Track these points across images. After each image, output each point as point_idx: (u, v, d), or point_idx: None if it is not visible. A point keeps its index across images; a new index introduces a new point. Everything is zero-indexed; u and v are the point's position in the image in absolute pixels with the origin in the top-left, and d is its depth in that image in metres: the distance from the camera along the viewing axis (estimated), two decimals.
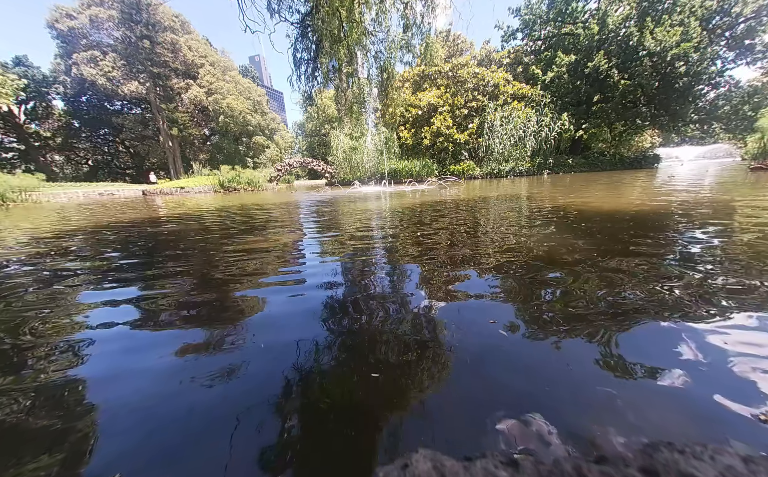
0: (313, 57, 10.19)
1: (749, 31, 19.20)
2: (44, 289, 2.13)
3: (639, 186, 7.78)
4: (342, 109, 13.56)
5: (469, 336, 1.27)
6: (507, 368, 1.05)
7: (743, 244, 2.33)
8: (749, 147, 13.17)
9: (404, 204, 6.71)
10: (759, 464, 0.62)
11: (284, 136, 45.95)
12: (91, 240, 4.04)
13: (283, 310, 1.62)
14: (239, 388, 1.01)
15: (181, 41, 34.79)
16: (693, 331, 1.20)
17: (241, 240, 3.53)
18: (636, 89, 20.50)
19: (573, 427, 0.78)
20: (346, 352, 1.20)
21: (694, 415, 0.82)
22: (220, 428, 0.84)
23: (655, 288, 1.60)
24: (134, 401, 0.98)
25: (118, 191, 20.83)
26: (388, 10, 9.49)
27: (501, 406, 0.87)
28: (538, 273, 1.92)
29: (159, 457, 0.77)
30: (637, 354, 1.08)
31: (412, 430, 0.82)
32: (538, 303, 1.53)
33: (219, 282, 2.11)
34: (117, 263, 2.78)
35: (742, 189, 5.94)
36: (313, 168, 27.09)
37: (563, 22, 23.21)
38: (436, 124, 21.33)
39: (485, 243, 2.81)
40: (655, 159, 22.91)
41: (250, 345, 1.28)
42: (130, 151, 40.79)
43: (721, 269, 1.82)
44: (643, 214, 3.80)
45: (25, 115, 33.13)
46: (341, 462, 0.73)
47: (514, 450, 0.71)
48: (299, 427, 0.84)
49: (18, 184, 14.96)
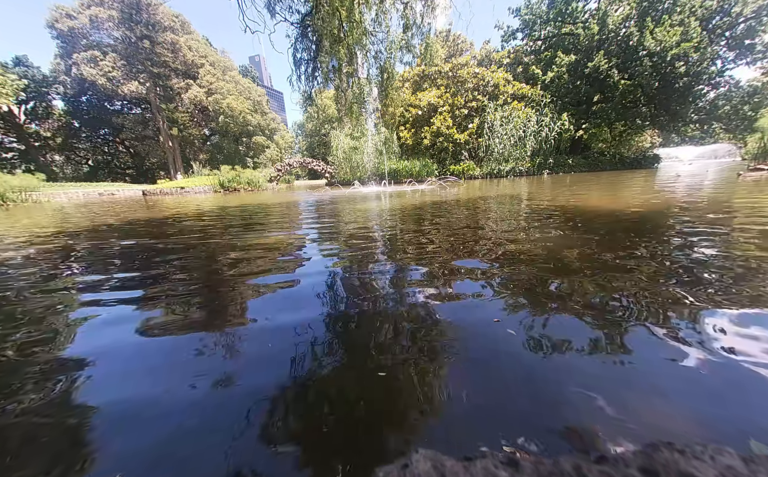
0: (313, 57, 10.19)
1: (749, 31, 19.19)
2: (44, 288, 2.13)
3: (646, 185, 7.78)
4: (342, 109, 13.57)
5: (473, 335, 1.27)
6: (509, 368, 1.05)
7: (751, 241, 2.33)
8: (749, 147, 13.18)
9: (404, 204, 6.71)
10: (759, 464, 0.62)
11: (284, 136, 45.95)
12: (94, 238, 4.04)
13: (283, 310, 1.62)
14: (240, 387, 1.01)
15: (181, 41, 34.79)
16: (698, 332, 1.20)
17: (241, 240, 3.53)
18: (636, 89, 20.50)
19: (574, 428, 0.78)
20: (346, 351, 1.20)
21: (695, 416, 0.82)
22: (220, 428, 0.84)
23: (656, 288, 1.60)
24: (133, 401, 0.98)
25: (118, 191, 20.83)
26: (388, 10, 9.50)
27: (503, 406, 0.87)
28: (541, 273, 1.92)
29: (158, 456, 0.77)
30: (638, 354, 1.08)
31: (412, 430, 0.82)
32: (541, 303, 1.52)
33: (220, 282, 2.11)
34: (117, 264, 2.78)
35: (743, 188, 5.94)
36: (313, 168, 27.09)
37: (563, 22, 23.21)
38: (436, 124, 21.32)
39: (486, 242, 2.81)
40: (655, 159, 22.91)
41: (251, 345, 1.28)
42: (130, 151, 40.79)
43: (729, 266, 1.82)
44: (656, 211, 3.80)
45: (25, 115, 33.12)
46: (341, 462, 0.73)
47: (515, 450, 0.71)
48: (300, 426, 0.84)
49: (18, 184, 14.97)
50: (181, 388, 1.02)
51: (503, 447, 0.72)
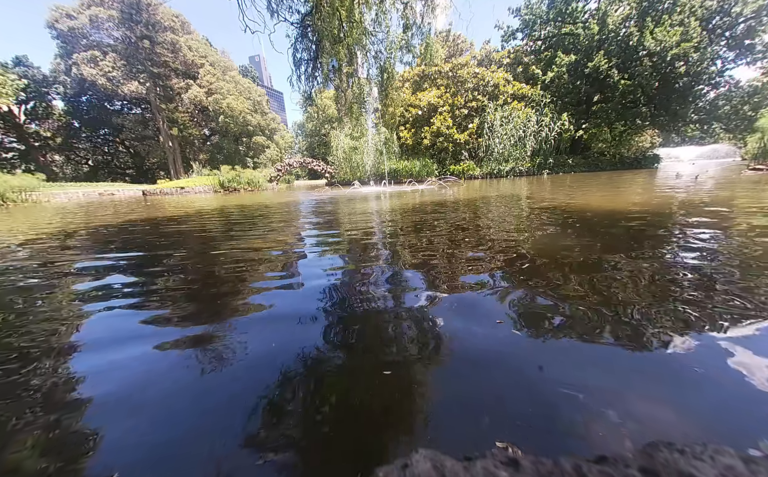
0: (313, 57, 10.18)
1: (749, 31, 19.19)
2: (42, 287, 2.13)
3: (649, 186, 7.78)
4: (342, 109, 13.56)
5: (475, 336, 1.26)
6: (511, 369, 1.05)
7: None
8: (749, 147, 13.18)
9: (405, 204, 6.71)
10: (759, 464, 0.62)
11: (284, 136, 45.94)
12: (94, 237, 4.04)
13: (283, 309, 1.62)
14: (240, 387, 1.01)
15: (181, 41, 34.78)
16: (700, 332, 1.20)
17: (242, 240, 3.53)
18: (636, 89, 20.50)
19: (575, 427, 0.78)
20: (347, 351, 1.20)
21: (695, 417, 0.82)
22: (220, 427, 0.84)
23: (657, 289, 1.60)
24: (132, 400, 0.98)
25: (118, 191, 20.84)
26: (388, 10, 9.49)
27: (504, 406, 0.87)
28: (544, 273, 1.92)
29: (158, 456, 0.77)
30: (639, 355, 1.08)
31: (413, 429, 0.81)
32: (543, 304, 1.52)
33: (220, 282, 2.11)
34: (117, 263, 2.78)
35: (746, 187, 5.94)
36: (313, 168, 27.09)
37: (563, 22, 23.20)
38: (436, 124, 21.33)
39: (487, 243, 2.81)
40: (655, 159, 22.92)
41: (251, 345, 1.28)
42: (130, 151, 40.78)
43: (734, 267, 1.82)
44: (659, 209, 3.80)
45: (25, 115, 33.11)
46: (342, 462, 0.73)
47: (515, 450, 0.71)
48: (300, 426, 0.84)
49: (18, 184, 14.97)
50: (180, 385, 1.02)
51: (504, 446, 0.72)
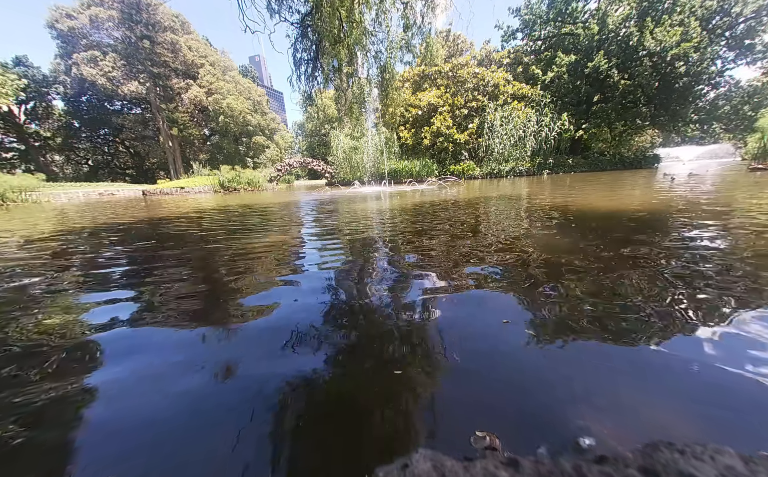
0: (313, 57, 10.19)
1: (749, 31, 19.18)
2: (42, 288, 2.13)
3: (648, 186, 7.78)
4: (342, 109, 13.57)
5: (482, 336, 1.26)
6: (517, 370, 1.05)
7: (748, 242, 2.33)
8: (749, 147, 13.18)
9: (405, 204, 6.71)
10: (759, 464, 0.62)
11: (284, 136, 45.96)
12: (93, 238, 4.04)
13: (283, 309, 1.62)
14: (241, 386, 1.01)
15: (181, 41, 34.78)
16: (702, 334, 1.20)
17: (242, 241, 3.53)
18: (636, 89, 20.49)
19: (575, 428, 0.78)
20: (348, 351, 1.20)
21: (696, 416, 0.82)
22: (220, 427, 0.84)
23: (658, 289, 1.60)
24: (131, 400, 0.98)
25: (118, 191, 20.84)
26: (388, 10, 9.49)
27: (505, 406, 0.87)
28: (547, 273, 1.92)
29: (158, 456, 0.77)
30: (639, 355, 1.08)
31: (413, 429, 0.81)
32: (548, 304, 1.52)
33: (221, 281, 2.11)
34: (118, 263, 2.78)
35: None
36: (313, 168, 27.09)
37: (563, 22, 23.19)
38: (436, 124, 21.32)
39: (489, 243, 2.81)
40: (655, 159, 22.89)
41: (252, 344, 1.28)
42: (130, 151, 40.78)
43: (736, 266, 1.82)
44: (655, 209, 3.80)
45: (25, 115, 33.11)
46: (342, 462, 0.73)
47: (494, 438, 0.71)
48: (300, 426, 0.84)
49: (18, 184, 14.97)
50: (180, 388, 1.02)
51: (483, 435, 0.72)
